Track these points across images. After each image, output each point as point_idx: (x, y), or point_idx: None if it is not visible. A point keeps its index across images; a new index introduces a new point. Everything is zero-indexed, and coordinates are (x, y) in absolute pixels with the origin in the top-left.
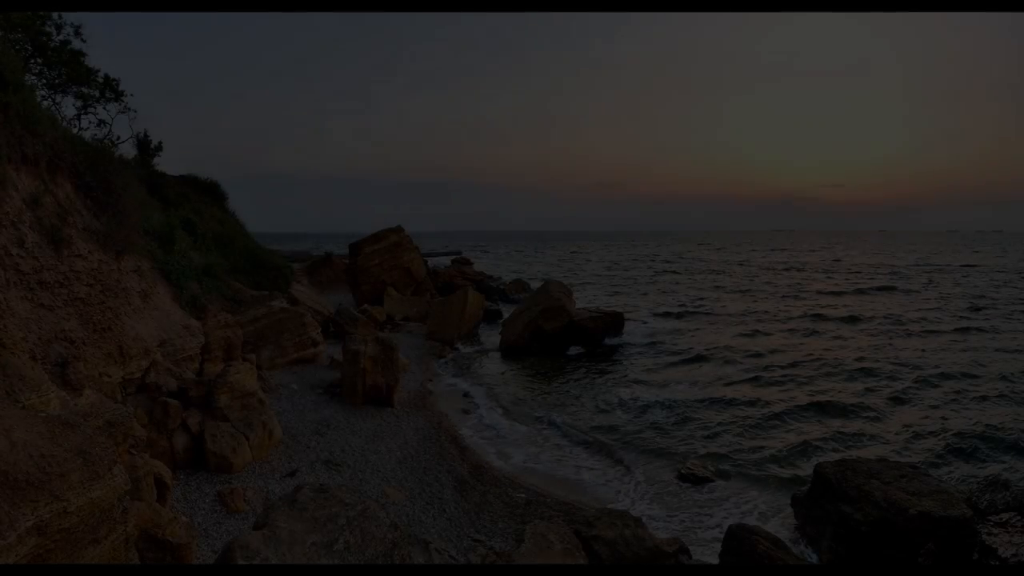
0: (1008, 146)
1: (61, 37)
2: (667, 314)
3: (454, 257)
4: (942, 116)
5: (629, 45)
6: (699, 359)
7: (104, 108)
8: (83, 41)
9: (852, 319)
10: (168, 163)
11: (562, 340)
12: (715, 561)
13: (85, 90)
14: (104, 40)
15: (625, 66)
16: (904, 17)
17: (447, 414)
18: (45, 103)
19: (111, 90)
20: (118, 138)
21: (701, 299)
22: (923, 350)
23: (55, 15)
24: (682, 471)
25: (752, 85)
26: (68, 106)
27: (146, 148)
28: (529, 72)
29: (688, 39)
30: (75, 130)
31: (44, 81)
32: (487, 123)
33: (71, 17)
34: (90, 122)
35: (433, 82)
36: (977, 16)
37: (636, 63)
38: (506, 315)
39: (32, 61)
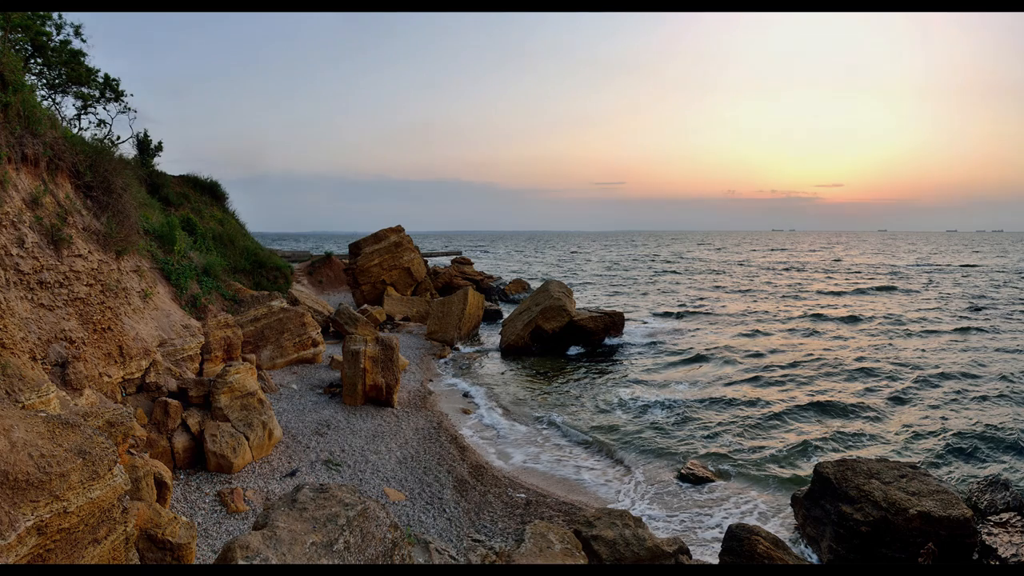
0: (1008, 146)
1: (61, 37)
2: (667, 314)
3: (454, 257)
4: (942, 116)
5: (630, 45)
6: (699, 359)
7: (104, 108)
8: (83, 41)
9: (852, 319)
10: (168, 163)
11: (562, 340)
12: (715, 561)
13: (85, 90)
14: (104, 40)
15: (626, 66)
16: (904, 17)
17: (447, 414)
18: (45, 103)
19: (111, 90)
20: (118, 138)
21: (701, 299)
22: (923, 350)
23: (55, 15)
24: (682, 471)
25: (752, 84)
26: (68, 106)
27: (146, 148)
28: (529, 72)
29: (688, 39)
30: (75, 130)
31: (44, 81)
32: (487, 123)
33: (71, 17)
34: (90, 122)
35: (433, 82)
36: (977, 16)
37: (637, 63)
38: (506, 315)
39: (32, 61)
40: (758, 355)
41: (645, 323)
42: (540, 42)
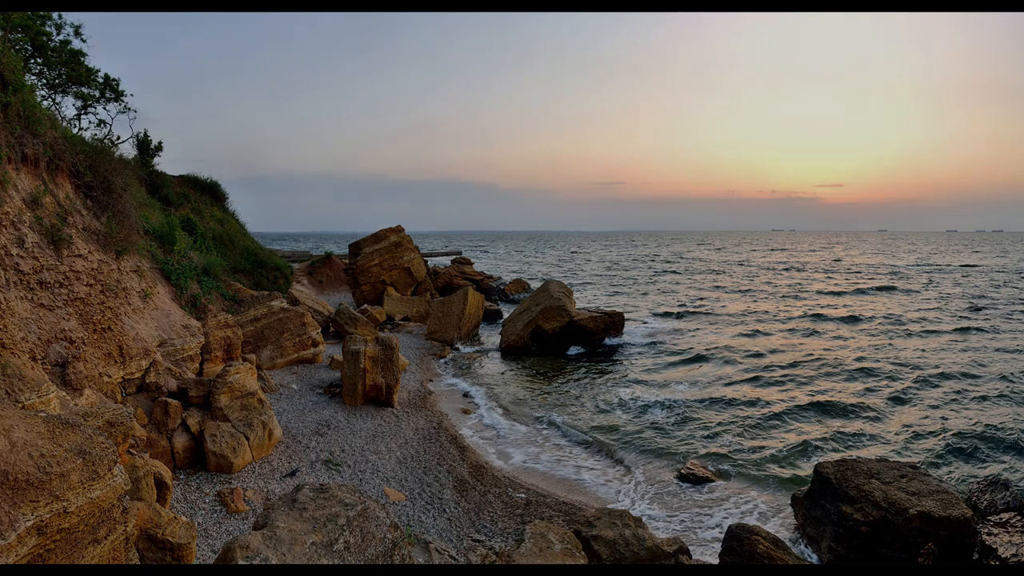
0: (1008, 146)
1: (61, 37)
2: (667, 314)
3: (454, 257)
4: (942, 116)
5: (630, 45)
6: (699, 359)
7: (104, 108)
8: (83, 41)
9: (852, 319)
10: (168, 163)
11: (562, 340)
12: (715, 561)
13: (85, 90)
14: (104, 40)
15: (626, 66)
16: (904, 17)
17: (447, 414)
18: (45, 103)
19: (111, 90)
20: (118, 138)
21: (701, 299)
22: (923, 350)
23: (55, 15)
24: (682, 471)
25: (752, 84)
26: (68, 106)
27: (146, 148)
28: (530, 72)
29: (689, 39)
30: (75, 130)
31: (44, 81)
32: (487, 123)
33: (71, 17)
34: (90, 122)
35: (434, 82)
36: (977, 16)
37: (637, 63)
38: (506, 315)
39: (32, 61)
40: (758, 355)
41: (645, 323)
42: (541, 42)
